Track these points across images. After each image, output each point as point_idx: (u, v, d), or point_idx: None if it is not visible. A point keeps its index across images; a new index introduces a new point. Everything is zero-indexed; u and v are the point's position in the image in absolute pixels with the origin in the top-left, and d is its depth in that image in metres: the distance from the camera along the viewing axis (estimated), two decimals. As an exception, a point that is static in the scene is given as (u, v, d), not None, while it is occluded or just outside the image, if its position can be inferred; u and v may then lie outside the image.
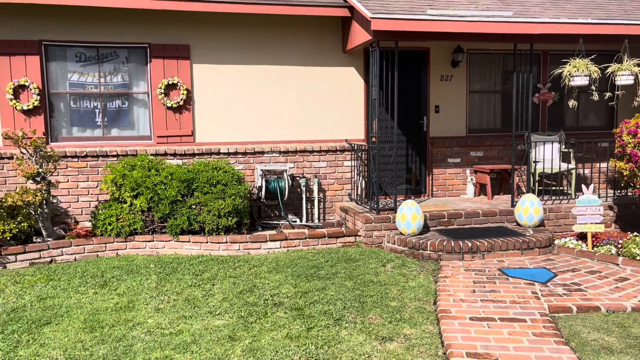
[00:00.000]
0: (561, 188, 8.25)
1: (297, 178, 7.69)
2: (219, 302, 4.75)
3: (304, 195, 7.48)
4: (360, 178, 7.64)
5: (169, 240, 6.44)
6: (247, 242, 6.42)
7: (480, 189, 8.26)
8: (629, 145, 6.23)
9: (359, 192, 7.66)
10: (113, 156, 7.05)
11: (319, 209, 7.76)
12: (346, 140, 7.89)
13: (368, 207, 7.18)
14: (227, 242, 6.40)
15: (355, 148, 7.73)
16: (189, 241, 6.42)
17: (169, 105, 7.14)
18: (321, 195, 7.83)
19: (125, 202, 6.52)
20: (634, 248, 5.68)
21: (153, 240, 6.45)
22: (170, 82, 7.13)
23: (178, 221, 6.37)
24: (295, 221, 7.46)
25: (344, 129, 7.90)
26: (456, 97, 8.22)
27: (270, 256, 6.26)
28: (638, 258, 5.61)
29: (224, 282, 5.29)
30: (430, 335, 4.11)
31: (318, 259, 6.05)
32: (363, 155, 7.74)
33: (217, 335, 4.07)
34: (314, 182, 7.62)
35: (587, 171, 8.53)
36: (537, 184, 7.79)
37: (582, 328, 4.22)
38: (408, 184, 8.26)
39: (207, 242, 6.39)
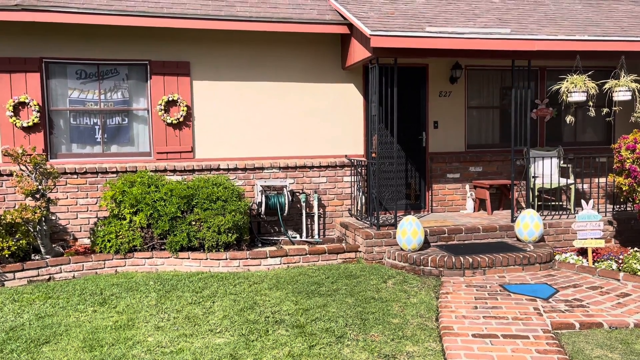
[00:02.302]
0: (560, 203, 8.26)
1: (297, 194, 7.69)
2: (219, 320, 4.71)
3: (303, 211, 7.47)
4: (360, 193, 7.64)
5: (169, 257, 6.41)
6: (247, 258, 6.39)
7: (480, 204, 8.26)
8: (628, 161, 6.26)
9: (358, 208, 7.65)
10: (113, 173, 7.04)
11: (318, 224, 7.74)
12: (346, 155, 7.91)
13: (368, 222, 7.17)
14: (226, 259, 6.36)
15: (355, 164, 7.74)
16: (189, 258, 6.39)
17: (168, 121, 7.16)
18: (321, 210, 7.82)
19: (125, 219, 6.49)
20: (635, 263, 5.67)
21: (152, 257, 6.42)
22: (170, 99, 7.16)
23: (178, 238, 6.34)
24: (295, 237, 7.44)
25: (343, 144, 7.92)
26: (455, 113, 8.27)
27: (271, 273, 6.23)
28: (639, 273, 5.60)
29: (224, 299, 5.25)
30: (433, 352, 4.08)
31: (319, 276, 6.02)
32: (363, 170, 7.75)
33: (219, 354, 4.02)
34: (313, 198, 7.61)
35: (585, 186, 8.55)
36: (536, 199, 7.80)
37: (586, 345, 4.19)
38: (407, 199, 8.26)
39: (206, 259, 6.36)
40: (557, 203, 7.87)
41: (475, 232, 6.87)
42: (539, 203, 7.98)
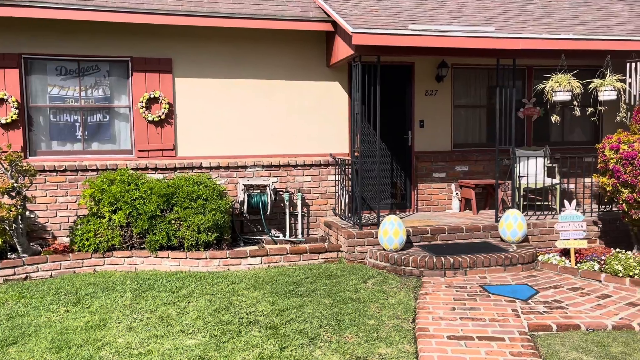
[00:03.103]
0: (547, 203, 8.21)
1: (281, 192, 7.61)
2: (193, 321, 4.64)
3: (287, 210, 7.40)
4: (344, 193, 7.58)
5: (148, 256, 6.33)
6: (227, 257, 6.32)
7: (466, 204, 8.21)
8: (611, 161, 6.21)
9: (342, 207, 7.59)
10: (93, 170, 6.95)
11: (302, 223, 7.68)
12: (330, 154, 7.84)
13: (351, 222, 7.11)
14: (206, 258, 6.29)
15: (339, 162, 7.67)
16: (168, 257, 6.31)
17: (150, 119, 7.08)
18: (305, 210, 7.75)
19: (104, 217, 6.42)
20: (617, 264, 5.62)
21: (132, 256, 6.34)
22: (152, 96, 7.07)
23: (157, 237, 6.26)
24: (278, 236, 7.37)
25: (328, 143, 7.85)
26: (441, 112, 8.21)
27: (250, 272, 6.16)
28: (620, 275, 5.55)
29: (200, 299, 5.18)
30: (406, 354, 4.02)
31: (298, 275, 5.96)
32: (347, 169, 7.68)
33: (187, 356, 3.95)
34: (297, 197, 7.54)
35: (573, 186, 8.50)
36: (522, 199, 7.75)
37: (561, 347, 4.14)
38: (393, 199, 8.20)
39: (186, 258, 6.28)
40: (543, 203, 7.82)
41: (459, 232, 6.81)
42: (525, 203, 7.93)
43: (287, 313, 4.80)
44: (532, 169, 7.84)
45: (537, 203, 8.18)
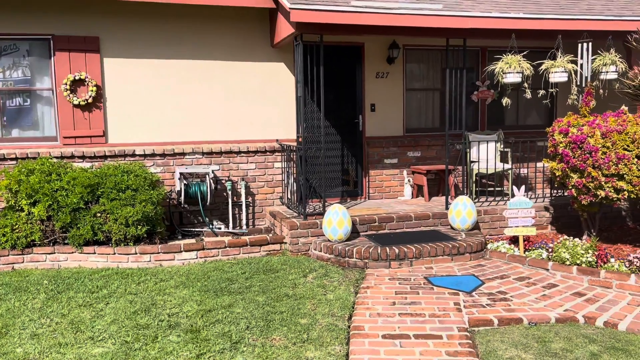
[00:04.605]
0: (500, 188, 8.02)
1: (223, 181, 7.17)
2: (106, 325, 4.21)
3: (230, 200, 6.98)
4: (292, 180, 7.19)
5: (73, 252, 5.83)
6: (158, 252, 5.87)
7: (418, 191, 7.94)
8: (561, 145, 6.00)
9: (289, 196, 7.21)
10: (12, 159, 6.36)
11: (247, 214, 7.27)
12: (277, 140, 7.42)
13: (297, 211, 6.74)
14: (136, 253, 5.83)
15: (285, 149, 7.27)
16: (95, 253, 5.83)
17: (76, 102, 6.51)
18: (250, 199, 7.34)
19: (23, 211, 5.87)
20: (564, 252, 5.43)
21: (54, 253, 5.83)
22: (77, 78, 6.49)
23: (81, 231, 5.76)
24: (220, 228, 6.95)
25: (275, 128, 7.43)
26: (393, 95, 7.87)
27: (183, 268, 5.74)
28: (568, 263, 5.36)
29: (121, 300, 4.74)
30: (335, 358, 3.69)
31: (235, 271, 5.57)
32: (293, 156, 7.29)
33: (90, 367, 3.53)
34: (241, 186, 7.12)
35: (527, 171, 8.33)
36: (475, 184, 7.52)
37: (500, 344, 3.89)
38: (346, 186, 7.86)
39: (114, 254, 5.81)
40: (495, 189, 7.61)
41: (408, 220, 6.53)
42: (478, 189, 7.71)
43: (214, 314, 4.41)
44: (484, 154, 7.61)
45: (490, 189, 7.98)
